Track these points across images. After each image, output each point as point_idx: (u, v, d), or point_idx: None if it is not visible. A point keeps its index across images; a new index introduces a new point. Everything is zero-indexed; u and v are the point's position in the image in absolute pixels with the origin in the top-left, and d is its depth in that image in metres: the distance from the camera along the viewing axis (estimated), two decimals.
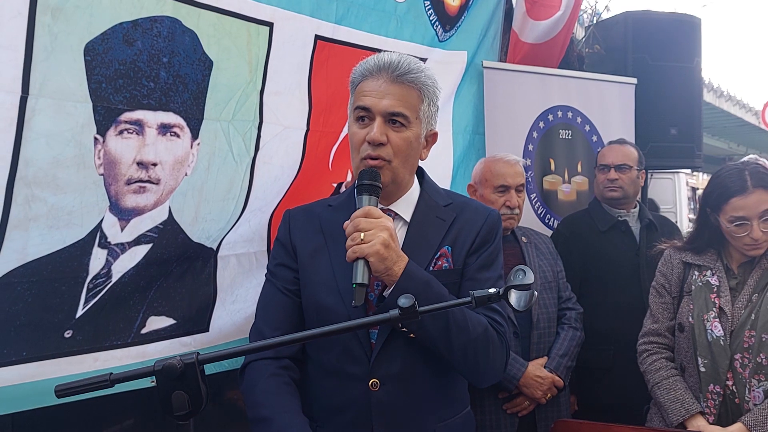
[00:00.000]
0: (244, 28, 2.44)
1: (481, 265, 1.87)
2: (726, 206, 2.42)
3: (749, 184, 2.38)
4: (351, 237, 1.65)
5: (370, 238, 1.62)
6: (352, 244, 1.63)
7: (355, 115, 1.80)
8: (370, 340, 1.78)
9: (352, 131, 1.82)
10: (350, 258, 1.63)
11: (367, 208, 1.68)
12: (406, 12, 3.15)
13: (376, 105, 1.75)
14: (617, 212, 3.42)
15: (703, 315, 2.43)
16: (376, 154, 1.75)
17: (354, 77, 1.85)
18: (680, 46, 4.72)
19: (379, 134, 1.74)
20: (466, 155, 3.74)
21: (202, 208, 2.43)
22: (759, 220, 2.36)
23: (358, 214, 1.67)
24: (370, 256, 1.62)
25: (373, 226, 1.64)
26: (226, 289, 2.59)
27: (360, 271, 1.61)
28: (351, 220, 1.67)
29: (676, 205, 12.14)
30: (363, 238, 1.62)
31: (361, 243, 1.62)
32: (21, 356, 2.06)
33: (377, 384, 1.76)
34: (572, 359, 2.88)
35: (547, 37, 4.26)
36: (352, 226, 1.66)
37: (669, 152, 4.69)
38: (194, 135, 2.35)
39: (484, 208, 1.97)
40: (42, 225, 2.02)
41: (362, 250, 1.62)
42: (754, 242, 2.38)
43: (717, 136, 16.81)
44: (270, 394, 1.73)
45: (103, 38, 2.06)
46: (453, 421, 1.88)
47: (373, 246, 1.62)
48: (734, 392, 2.35)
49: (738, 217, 2.39)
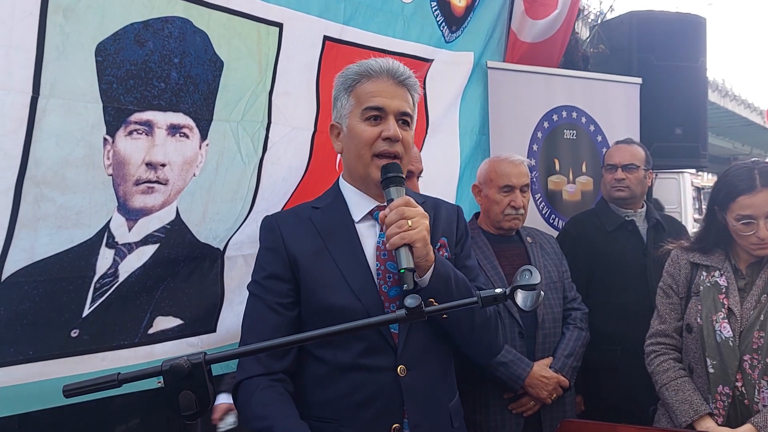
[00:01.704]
0: (254, 28, 2.44)
1: (466, 255, 2.01)
2: (733, 204, 2.41)
3: (758, 183, 2.37)
4: (397, 224, 1.70)
5: (416, 224, 1.70)
6: (399, 231, 1.69)
7: (365, 114, 1.82)
8: (390, 330, 1.81)
9: (360, 129, 1.83)
10: (397, 244, 1.69)
11: (406, 198, 1.75)
12: (413, 13, 3.15)
13: (388, 105, 1.81)
14: (624, 212, 3.41)
15: (711, 316, 2.42)
16: (393, 150, 1.82)
17: (349, 77, 1.87)
18: (685, 46, 4.71)
19: (398, 131, 1.81)
20: (473, 156, 3.74)
21: (209, 208, 2.44)
22: (766, 220, 2.35)
23: (400, 203, 1.73)
24: (418, 241, 1.69)
25: (416, 213, 1.72)
26: (234, 289, 2.59)
27: (405, 256, 1.68)
28: (392, 209, 1.72)
29: (681, 205, 12.13)
30: (410, 224, 1.68)
31: (408, 229, 1.68)
32: (28, 355, 2.07)
33: (405, 370, 1.80)
34: (577, 359, 2.88)
35: (545, 36, 4.25)
36: (396, 214, 1.71)
37: (674, 152, 4.69)
38: (203, 136, 2.36)
39: (451, 204, 2.09)
40: (50, 224, 2.03)
41: (410, 236, 1.68)
42: (761, 242, 2.37)
43: (722, 135, 16.79)
44: (266, 405, 1.72)
45: (115, 38, 2.06)
46: (454, 403, 1.95)
47: (420, 232, 1.70)
48: (743, 393, 2.34)
49: (745, 215, 2.38)
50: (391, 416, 1.78)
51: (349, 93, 1.86)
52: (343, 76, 1.89)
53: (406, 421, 1.79)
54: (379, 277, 1.82)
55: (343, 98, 1.88)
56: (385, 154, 1.81)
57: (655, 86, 4.55)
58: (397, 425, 1.78)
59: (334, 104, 1.91)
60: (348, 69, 1.88)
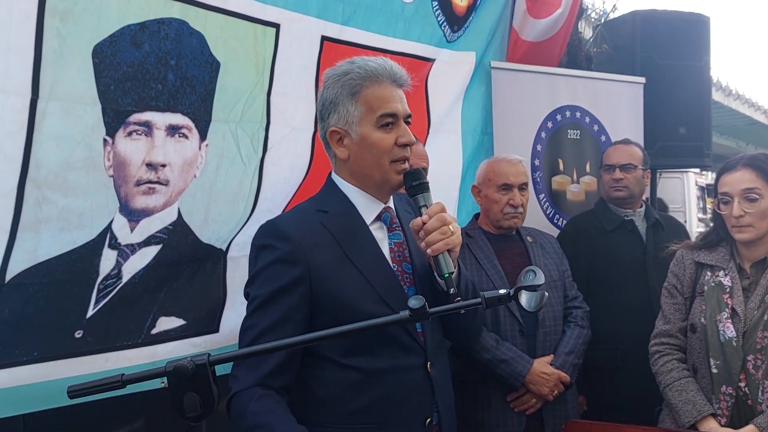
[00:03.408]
0: (250, 29, 2.45)
1: None
2: (717, 185, 2.45)
3: (739, 163, 2.41)
4: (440, 231, 1.71)
5: (456, 229, 1.74)
6: (443, 237, 1.71)
7: (380, 122, 1.79)
8: (417, 329, 1.85)
9: (377, 137, 1.79)
10: (440, 249, 1.70)
11: (441, 204, 1.77)
12: (413, 12, 3.15)
13: (400, 110, 1.82)
14: (623, 212, 3.41)
15: (715, 316, 2.41)
16: (409, 155, 1.84)
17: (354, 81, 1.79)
18: (689, 45, 4.69)
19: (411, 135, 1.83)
20: (475, 156, 3.73)
21: (211, 209, 2.44)
22: (740, 197, 2.37)
23: (438, 209, 1.75)
24: (458, 245, 1.75)
25: (453, 219, 1.76)
26: (236, 290, 2.59)
27: (447, 261, 1.71)
28: (431, 215, 1.73)
29: (685, 204, 12.10)
30: (452, 230, 1.72)
31: (451, 234, 1.72)
32: (32, 356, 2.08)
33: (431, 365, 1.86)
34: (578, 357, 2.88)
35: (547, 36, 4.24)
36: (438, 221, 1.72)
37: (678, 151, 4.67)
38: (202, 136, 2.36)
39: None
40: (53, 226, 2.03)
41: (453, 241, 1.72)
42: (736, 221, 2.39)
43: (726, 134, 16.71)
44: (263, 413, 1.65)
45: (111, 41, 2.07)
46: None
47: (459, 236, 1.75)
48: (747, 394, 2.34)
49: (723, 193, 2.42)
50: (425, 411, 1.84)
51: (356, 99, 1.79)
52: (341, 79, 1.80)
53: (436, 415, 1.87)
54: (398, 278, 1.84)
55: (347, 104, 1.79)
56: (404, 160, 1.82)
57: (658, 85, 4.54)
58: (429, 419, 1.85)
59: (333, 108, 1.81)
60: (347, 72, 1.79)
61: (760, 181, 2.37)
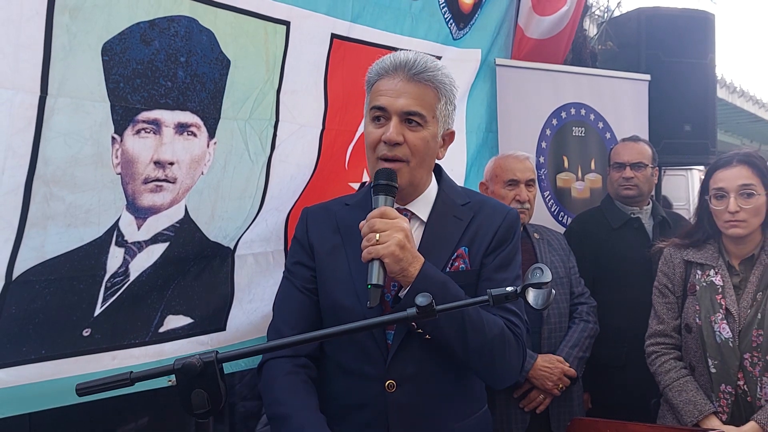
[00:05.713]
0: (261, 27, 2.44)
1: (498, 265, 1.84)
2: (710, 181, 2.47)
3: (734, 160, 2.44)
4: (366, 237, 1.64)
5: (386, 239, 1.62)
6: (367, 244, 1.63)
7: (371, 114, 1.79)
8: (386, 341, 1.77)
9: (367, 131, 1.81)
10: (365, 258, 1.63)
11: (383, 209, 1.67)
12: (420, 10, 3.14)
13: (391, 104, 1.74)
14: (630, 209, 3.41)
15: (710, 317, 2.44)
16: (392, 155, 1.75)
17: (370, 76, 1.84)
18: (694, 43, 4.69)
19: (395, 134, 1.73)
20: (479, 154, 3.73)
21: (218, 206, 2.44)
22: (736, 194, 2.39)
23: (374, 214, 1.66)
24: (385, 257, 1.61)
25: (389, 226, 1.64)
26: (244, 288, 2.60)
27: (375, 272, 1.61)
28: (366, 220, 1.67)
29: (690, 201, 12.06)
30: (378, 238, 1.62)
31: (376, 244, 1.62)
32: (39, 354, 2.07)
33: (393, 385, 1.75)
34: (583, 350, 2.88)
35: (553, 33, 4.23)
36: (367, 227, 1.65)
37: (683, 149, 4.67)
38: (211, 134, 2.36)
39: (503, 207, 1.95)
40: (60, 223, 2.03)
41: (377, 251, 1.61)
42: (731, 217, 2.40)
43: (731, 132, 16.68)
44: (288, 391, 1.74)
45: (121, 38, 2.06)
46: (470, 420, 1.87)
47: (388, 247, 1.61)
48: (746, 391, 2.38)
49: (718, 188, 2.44)
50: (377, 428, 1.76)
51: (369, 90, 1.83)
52: (368, 72, 1.85)
53: None
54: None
55: (367, 96, 1.85)
56: (386, 159, 1.75)
57: (663, 83, 4.54)
58: None
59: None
60: (372, 65, 1.84)
61: (755, 178, 2.41)
